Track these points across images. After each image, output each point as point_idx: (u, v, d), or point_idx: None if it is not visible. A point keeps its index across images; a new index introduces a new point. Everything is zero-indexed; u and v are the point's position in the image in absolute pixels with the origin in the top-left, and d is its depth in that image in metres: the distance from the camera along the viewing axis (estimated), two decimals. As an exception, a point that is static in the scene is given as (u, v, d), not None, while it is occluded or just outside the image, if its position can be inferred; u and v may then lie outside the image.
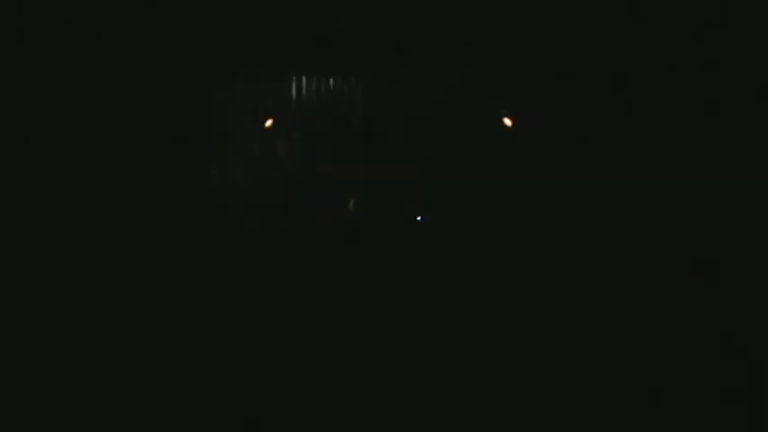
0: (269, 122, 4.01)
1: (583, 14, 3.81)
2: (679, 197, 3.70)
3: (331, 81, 4.06)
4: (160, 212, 3.76)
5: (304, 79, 4.05)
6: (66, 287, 3.58)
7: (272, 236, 3.94)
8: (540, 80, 3.89)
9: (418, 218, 3.95)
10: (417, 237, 3.93)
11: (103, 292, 3.61)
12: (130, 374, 3.54)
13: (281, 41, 3.94)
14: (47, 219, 3.61)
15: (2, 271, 3.53)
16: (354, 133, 4.05)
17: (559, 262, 3.78)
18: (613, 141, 3.76)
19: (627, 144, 3.75)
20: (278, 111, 4.02)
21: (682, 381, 3.48)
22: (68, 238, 3.61)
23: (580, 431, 3.45)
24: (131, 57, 3.74)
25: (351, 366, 3.67)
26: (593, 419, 3.48)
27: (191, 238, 3.79)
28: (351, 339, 3.74)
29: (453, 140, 3.99)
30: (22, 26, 3.60)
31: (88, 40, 3.68)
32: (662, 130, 3.74)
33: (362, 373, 3.66)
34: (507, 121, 3.96)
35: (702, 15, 3.66)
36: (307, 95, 4.06)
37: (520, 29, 3.88)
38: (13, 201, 3.59)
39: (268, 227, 3.95)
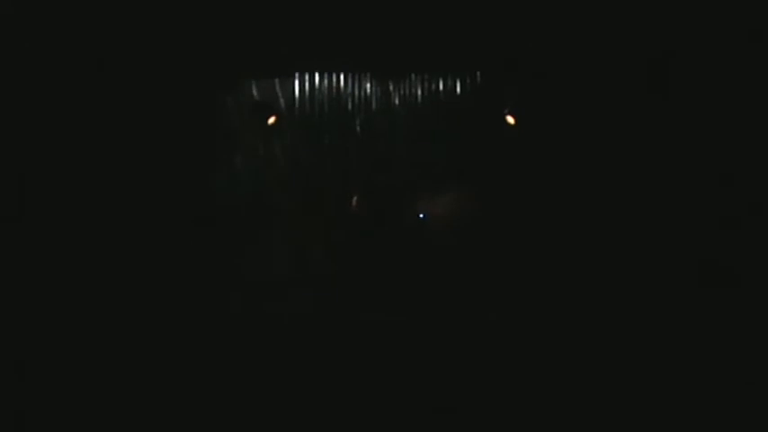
0: (272, 119, 4.05)
1: (582, 17, 3.84)
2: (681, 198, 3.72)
3: (335, 80, 4.09)
4: (164, 211, 3.77)
5: (308, 77, 4.09)
6: (69, 286, 3.60)
7: (275, 234, 3.98)
8: (542, 80, 3.92)
9: (420, 215, 3.97)
10: (420, 233, 3.95)
11: (106, 291, 3.63)
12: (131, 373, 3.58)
13: (285, 40, 3.97)
14: (52, 218, 3.63)
15: (4, 270, 3.56)
16: (358, 132, 4.07)
17: (561, 260, 3.80)
18: (616, 140, 3.78)
19: (628, 144, 3.77)
20: (282, 108, 4.07)
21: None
22: (75, 237, 3.63)
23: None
24: (136, 58, 3.76)
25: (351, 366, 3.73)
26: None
27: (194, 236, 3.81)
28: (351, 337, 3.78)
29: (457, 139, 4.02)
30: (27, 30, 3.63)
31: (94, 42, 3.70)
32: (665, 131, 3.76)
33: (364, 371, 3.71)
34: (510, 119, 3.98)
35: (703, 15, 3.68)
36: (311, 94, 4.09)
37: (520, 31, 3.90)
38: (17, 200, 3.61)
39: (272, 225, 3.98)
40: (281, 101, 4.10)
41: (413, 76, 4.09)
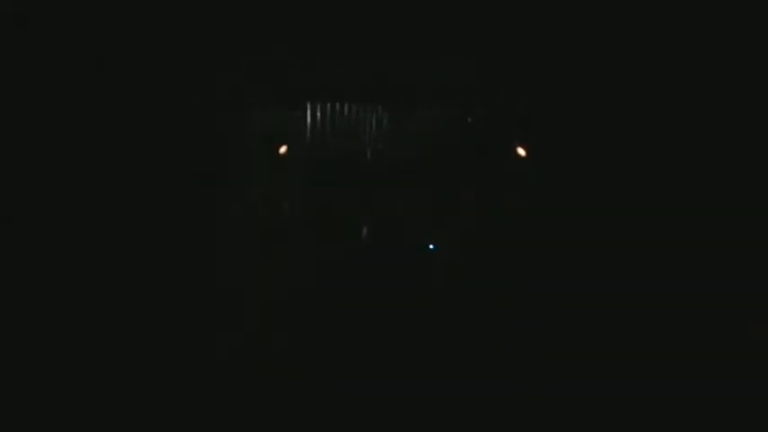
0: (283, 149, 4.02)
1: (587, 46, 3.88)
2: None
3: (345, 109, 4.09)
4: (173, 241, 3.76)
5: (318, 107, 4.08)
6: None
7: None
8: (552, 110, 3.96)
9: (431, 246, 3.94)
10: (429, 264, 3.93)
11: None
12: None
13: (295, 68, 3.99)
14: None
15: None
16: (367, 161, 4.08)
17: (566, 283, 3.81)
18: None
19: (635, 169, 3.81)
20: (292, 138, 4.06)
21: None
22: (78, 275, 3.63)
23: None
24: (146, 87, 3.75)
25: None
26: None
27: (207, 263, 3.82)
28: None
29: (466, 169, 4.03)
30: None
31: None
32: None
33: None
34: (521, 151, 4.00)
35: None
36: (321, 123, 4.09)
37: (530, 61, 3.95)
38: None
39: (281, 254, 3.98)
40: (292, 130, 4.08)
41: (423, 105, 4.10)
